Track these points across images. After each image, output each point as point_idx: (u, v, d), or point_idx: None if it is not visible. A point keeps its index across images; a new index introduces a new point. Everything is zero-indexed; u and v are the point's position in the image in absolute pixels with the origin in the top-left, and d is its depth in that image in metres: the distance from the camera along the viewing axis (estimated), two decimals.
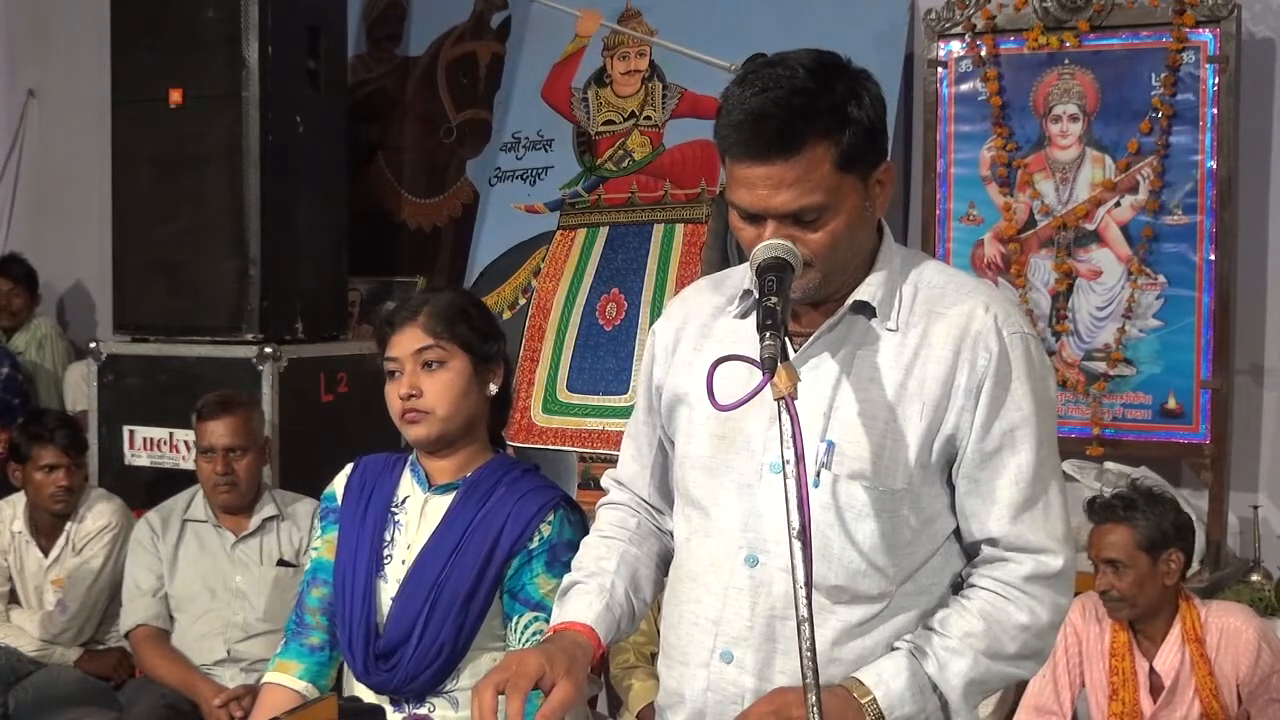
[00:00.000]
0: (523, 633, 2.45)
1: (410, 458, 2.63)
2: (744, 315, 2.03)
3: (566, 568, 2.31)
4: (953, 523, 1.98)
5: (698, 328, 2.08)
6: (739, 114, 1.85)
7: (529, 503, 2.52)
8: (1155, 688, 3.44)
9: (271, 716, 2.49)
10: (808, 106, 1.83)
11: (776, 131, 1.82)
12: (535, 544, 2.49)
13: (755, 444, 1.96)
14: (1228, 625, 3.40)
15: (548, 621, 2.31)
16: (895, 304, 1.96)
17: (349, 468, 2.69)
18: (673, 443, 2.10)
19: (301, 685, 2.58)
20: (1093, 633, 3.51)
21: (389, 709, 2.50)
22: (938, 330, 1.94)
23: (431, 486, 2.57)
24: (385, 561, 2.54)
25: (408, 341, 2.53)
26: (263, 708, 2.61)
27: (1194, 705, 3.38)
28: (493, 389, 2.58)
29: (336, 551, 2.60)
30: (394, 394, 2.52)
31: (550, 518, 2.51)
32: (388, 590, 2.52)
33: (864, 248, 1.95)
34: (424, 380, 2.50)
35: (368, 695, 2.53)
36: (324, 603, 2.62)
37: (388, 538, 2.56)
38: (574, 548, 2.41)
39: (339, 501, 2.65)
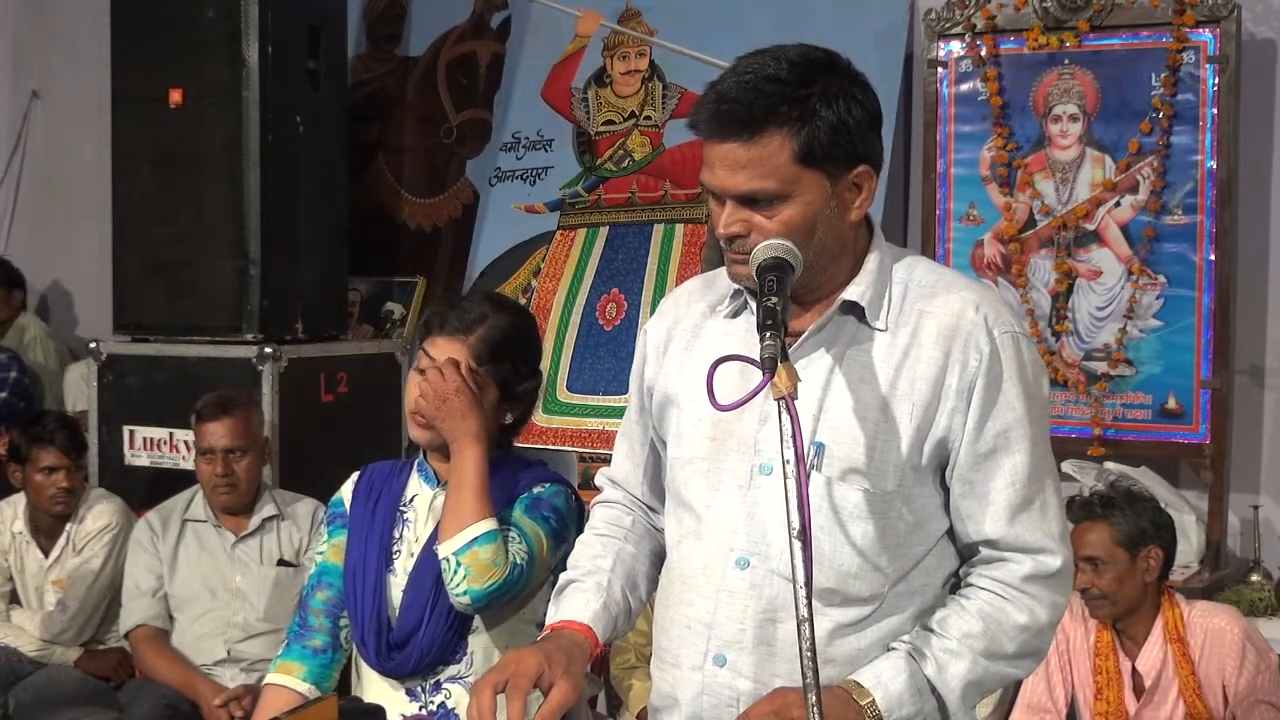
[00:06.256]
0: None
1: (417, 459, 2.65)
2: (734, 315, 2.04)
3: (544, 520, 2.44)
4: (946, 523, 1.98)
5: (689, 328, 2.08)
6: (711, 94, 1.89)
7: (527, 479, 2.56)
8: (1138, 687, 3.46)
9: (272, 717, 2.51)
10: (774, 95, 1.84)
11: (736, 114, 1.85)
12: (524, 496, 2.53)
13: (747, 446, 1.96)
14: (1213, 626, 3.41)
15: (520, 535, 2.44)
16: (885, 303, 1.96)
17: (356, 475, 2.70)
18: (664, 443, 2.10)
19: (304, 687, 2.59)
20: (1079, 632, 3.53)
21: (404, 697, 2.52)
22: (927, 330, 1.93)
23: (440, 483, 2.58)
24: (394, 556, 2.57)
25: (449, 353, 2.52)
26: (265, 709, 2.61)
27: (1178, 705, 3.40)
28: (509, 419, 2.59)
29: (346, 552, 2.61)
30: (415, 390, 2.53)
31: (545, 485, 2.55)
32: (398, 584, 2.55)
33: (839, 246, 1.94)
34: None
35: (382, 686, 2.54)
36: (328, 605, 2.63)
37: (397, 535, 2.58)
38: (559, 513, 2.51)
39: (346, 507, 2.66)
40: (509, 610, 2.50)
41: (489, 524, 2.41)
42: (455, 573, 2.40)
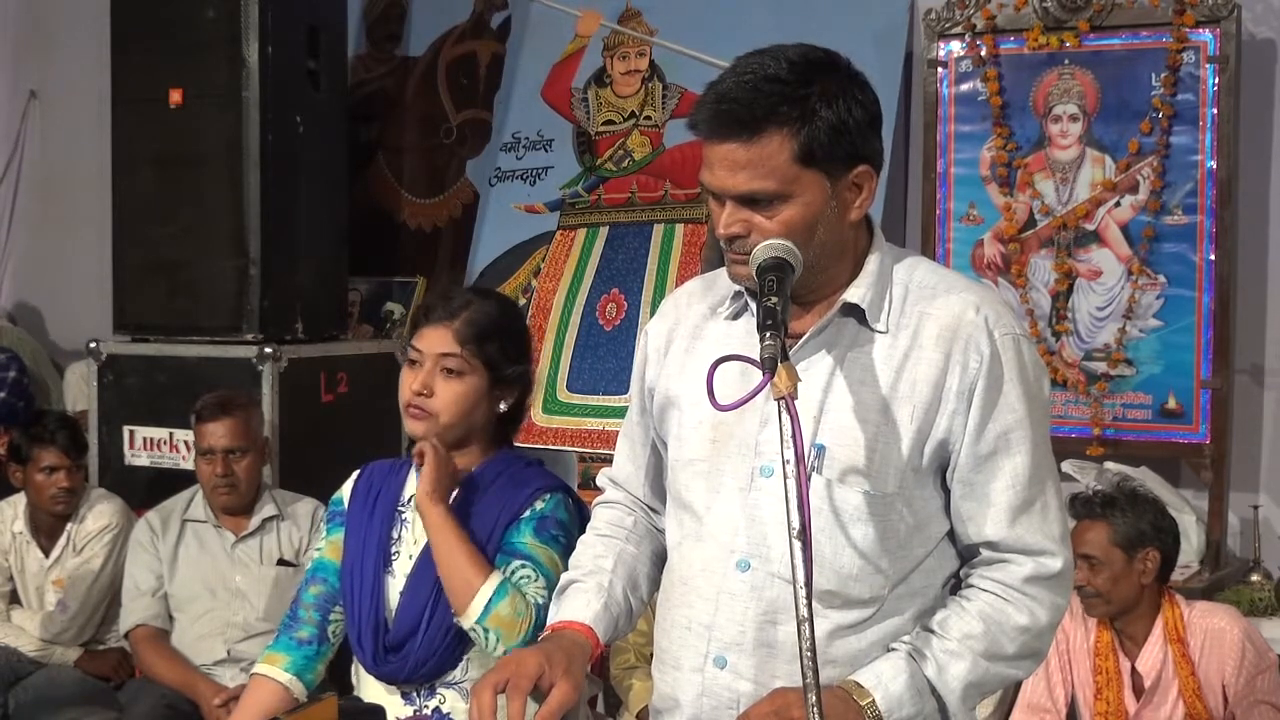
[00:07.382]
0: (510, 576, 2.46)
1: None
2: (735, 316, 2.03)
3: (555, 540, 2.43)
4: (946, 524, 1.97)
5: (690, 329, 2.08)
6: (710, 94, 1.88)
7: (526, 485, 2.55)
8: (1138, 688, 3.46)
9: (261, 711, 2.53)
10: (773, 95, 1.84)
11: (736, 114, 1.85)
12: (527, 514, 2.52)
13: (748, 448, 1.95)
14: (1212, 626, 3.41)
15: (535, 569, 2.43)
16: (885, 305, 1.95)
17: (356, 474, 2.71)
18: (665, 445, 2.10)
19: (286, 678, 2.60)
20: (1079, 632, 3.54)
21: (399, 700, 2.51)
22: (928, 331, 1.93)
23: None
24: (393, 558, 2.57)
25: (435, 341, 2.53)
26: (246, 697, 2.64)
27: (1178, 705, 3.40)
28: (503, 406, 2.59)
29: (344, 552, 2.61)
30: (407, 383, 2.54)
31: (545, 497, 2.54)
32: (395, 585, 2.55)
33: (839, 246, 1.94)
34: (439, 383, 2.52)
35: (377, 688, 2.54)
36: (319, 599, 2.64)
37: (395, 535, 2.58)
38: (564, 526, 2.50)
39: (346, 505, 2.66)
40: None
41: (495, 579, 2.41)
42: (487, 639, 2.40)
